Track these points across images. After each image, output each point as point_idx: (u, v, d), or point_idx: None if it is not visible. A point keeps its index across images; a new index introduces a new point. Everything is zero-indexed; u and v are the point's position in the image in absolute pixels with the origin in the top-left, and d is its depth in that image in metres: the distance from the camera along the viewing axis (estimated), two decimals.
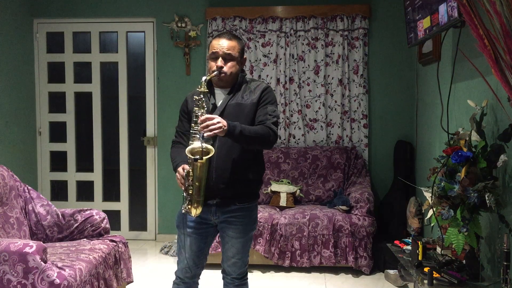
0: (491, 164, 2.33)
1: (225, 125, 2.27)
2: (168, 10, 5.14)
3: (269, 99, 2.51)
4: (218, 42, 2.47)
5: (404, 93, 4.95)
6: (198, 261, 2.56)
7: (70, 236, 3.47)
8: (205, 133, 2.26)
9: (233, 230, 2.51)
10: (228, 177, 2.43)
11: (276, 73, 5.03)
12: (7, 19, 4.82)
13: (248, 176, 2.49)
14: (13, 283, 2.58)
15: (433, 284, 2.35)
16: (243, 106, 2.47)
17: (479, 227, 2.34)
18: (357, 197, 4.30)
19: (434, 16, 3.03)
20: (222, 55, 2.45)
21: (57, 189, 5.44)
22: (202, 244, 2.54)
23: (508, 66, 1.82)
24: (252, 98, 2.49)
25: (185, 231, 2.50)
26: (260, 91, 2.51)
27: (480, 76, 2.32)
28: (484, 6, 1.86)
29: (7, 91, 4.79)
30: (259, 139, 2.39)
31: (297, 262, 4.20)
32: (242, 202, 2.50)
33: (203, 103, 2.39)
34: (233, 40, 2.49)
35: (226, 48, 2.46)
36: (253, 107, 2.48)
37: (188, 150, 2.32)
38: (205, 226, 2.52)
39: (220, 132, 2.26)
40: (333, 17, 4.95)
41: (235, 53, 2.48)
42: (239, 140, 2.36)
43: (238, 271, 2.58)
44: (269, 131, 2.41)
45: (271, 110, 2.48)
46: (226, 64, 2.46)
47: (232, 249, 2.54)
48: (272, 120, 2.45)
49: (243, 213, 2.51)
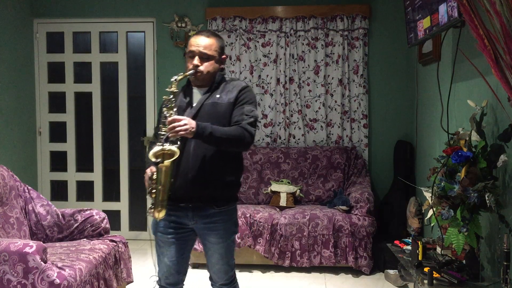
0: (491, 164, 2.33)
1: (193, 126, 2.21)
2: (168, 10, 5.14)
3: (246, 99, 2.43)
4: (196, 40, 2.41)
5: (404, 93, 4.95)
6: (180, 267, 2.50)
7: (70, 236, 3.47)
8: (171, 135, 2.22)
9: (214, 236, 2.43)
10: (205, 179, 2.34)
11: (276, 73, 5.03)
12: (7, 19, 4.81)
13: (226, 178, 2.40)
14: (13, 283, 2.58)
15: (433, 284, 2.35)
16: (219, 106, 2.39)
17: (479, 227, 2.34)
18: (357, 197, 4.30)
19: (434, 16, 3.03)
20: (198, 54, 2.39)
21: (57, 189, 5.44)
22: (182, 250, 2.48)
23: (508, 66, 1.82)
24: (229, 97, 2.41)
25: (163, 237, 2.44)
26: (237, 90, 2.43)
27: (480, 76, 2.32)
28: (484, 6, 1.86)
29: (7, 91, 4.79)
30: (232, 140, 2.31)
31: (297, 262, 4.20)
32: (221, 206, 2.41)
33: (172, 104, 2.32)
34: (211, 38, 2.42)
35: (203, 46, 2.39)
36: (229, 106, 2.40)
37: (151, 153, 2.26)
38: (182, 231, 2.45)
39: (187, 133, 2.20)
40: (333, 17, 4.95)
41: (213, 51, 2.40)
42: (209, 141, 2.28)
43: (225, 277, 2.52)
44: (244, 132, 2.33)
45: (248, 110, 2.40)
46: (203, 63, 2.39)
47: (216, 255, 2.47)
48: (248, 120, 2.37)
49: (223, 217, 2.42)
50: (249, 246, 4.24)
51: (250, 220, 4.26)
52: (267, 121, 5.07)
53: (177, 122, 2.20)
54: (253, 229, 4.25)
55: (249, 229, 4.24)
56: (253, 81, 5.06)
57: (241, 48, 5.04)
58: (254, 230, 4.25)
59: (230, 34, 5.04)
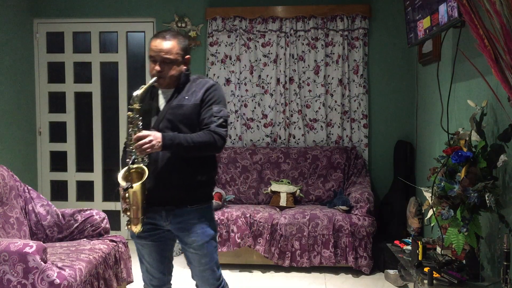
0: (491, 164, 2.33)
1: (159, 140, 2.17)
2: (168, 10, 5.14)
3: (214, 99, 2.35)
4: (155, 44, 2.31)
5: (404, 93, 4.95)
6: (163, 267, 2.47)
7: (70, 236, 3.47)
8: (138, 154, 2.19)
9: (190, 236, 2.37)
10: (175, 180, 2.31)
11: (276, 73, 5.03)
12: (7, 19, 4.81)
13: (197, 178, 2.35)
14: (13, 283, 2.58)
15: (433, 284, 2.35)
16: (185, 108, 2.32)
17: (479, 227, 2.34)
18: (357, 197, 4.30)
19: (434, 16, 3.03)
20: (160, 58, 2.30)
21: (57, 189, 5.44)
22: (162, 251, 2.45)
23: (508, 66, 1.82)
24: (195, 98, 2.34)
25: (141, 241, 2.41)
26: (203, 90, 2.35)
27: (480, 76, 2.32)
28: (484, 6, 1.86)
29: (7, 91, 4.79)
30: (202, 147, 2.27)
31: (297, 262, 4.20)
32: (193, 204, 2.36)
33: (137, 121, 2.24)
34: (172, 41, 2.31)
35: (163, 51, 2.29)
36: (195, 108, 2.32)
37: (120, 177, 2.23)
38: (159, 232, 2.41)
39: (154, 149, 2.18)
40: (333, 17, 4.95)
41: (175, 55, 2.31)
42: (179, 152, 2.25)
43: (211, 280, 2.42)
44: (213, 136, 2.28)
45: (216, 110, 2.32)
46: (165, 68, 2.31)
47: (195, 257, 2.40)
48: (217, 122, 2.30)
49: (198, 215, 2.37)
50: (249, 246, 4.25)
51: (250, 220, 4.26)
52: (267, 121, 5.06)
53: (142, 140, 2.16)
54: (253, 229, 4.25)
55: (249, 229, 4.24)
56: (253, 81, 5.06)
57: (241, 48, 5.04)
58: (254, 230, 4.25)
59: (230, 34, 5.04)
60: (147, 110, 2.34)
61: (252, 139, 5.09)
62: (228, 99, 5.06)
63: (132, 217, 2.25)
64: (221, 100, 2.38)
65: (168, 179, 2.30)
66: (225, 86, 5.06)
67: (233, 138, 5.09)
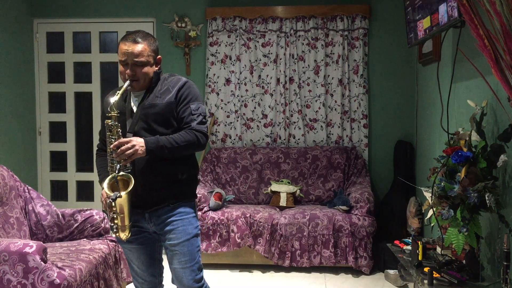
0: (491, 164, 2.33)
1: (142, 145, 2.16)
2: (168, 10, 5.14)
3: (189, 97, 2.33)
4: (126, 48, 2.26)
5: (404, 93, 4.95)
6: (153, 270, 2.46)
7: (70, 236, 3.47)
8: (122, 162, 2.15)
9: (174, 233, 2.32)
10: (155, 182, 2.29)
11: (276, 73, 5.03)
12: (7, 19, 4.81)
13: (177, 176, 2.33)
14: (13, 283, 2.58)
15: (433, 284, 2.35)
16: (158, 107, 2.30)
17: (479, 227, 2.34)
18: (357, 197, 4.30)
19: (434, 16, 3.03)
20: (132, 62, 2.26)
21: (57, 189, 5.43)
22: (150, 253, 2.43)
23: (508, 66, 1.82)
24: (168, 97, 2.31)
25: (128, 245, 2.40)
26: (177, 88, 2.33)
27: (480, 76, 2.32)
28: (484, 6, 1.86)
29: (7, 91, 4.79)
30: (186, 147, 2.26)
31: (297, 262, 4.20)
32: (175, 202, 2.34)
33: (116, 128, 2.21)
34: (142, 43, 2.27)
35: (135, 55, 2.25)
36: (169, 106, 2.30)
37: (106, 186, 2.19)
38: (144, 235, 2.40)
39: (138, 155, 2.15)
40: (333, 17, 4.95)
41: (146, 57, 2.28)
42: (162, 154, 2.23)
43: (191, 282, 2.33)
44: (195, 135, 2.27)
45: (194, 108, 2.31)
46: (138, 71, 2.27)
47: (176, 257, 2.33)
48: (197, 120, 2.30)
49: (180, 212, 2.34)
50: (249, 246, 4.25)
51: (250, 220, 4.26)
52: (267, 121, 5.06)
53: (124, 146, 2.14)
54: (253, 229, 4.25)
55: (249, 229, 4.24)
56: (253, 81, 5.06)
57: (241, 48, 5.04)
58: (254, 230, 4.25)
59: (230, 34, 5.04)
60: (121, 112, 2.30)
61: (252, 139, 5.09)
62: (228, 99, 5.06)
63: (120, 224, 2.23)
64: (197, 97, 2.36)
65: (149, 181, 2.28)
66: (225, 86, 5.06)
67: (233, 138, 5.09)
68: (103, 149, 2.44)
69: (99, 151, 2.49)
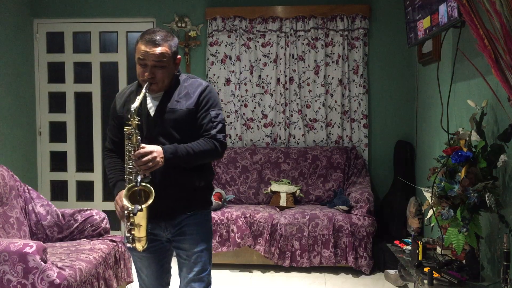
0: (491, 164, 2.33)
1: (162, 156, 2.08)
2: (168, 10, 5.14)
3: (209, 103, 2.24)
4: (146, 49, 2.15)
5: (404, 93, 4.95)
6: (161, 280, 2.40)
7: (70, 236, 3.47)
8: (142, 171, 2.07)
9: (187, 242, 2.28)
10: (172, 191, 2.21)
11: (276, 73, 5.03)
12: (7, 19, 4.81)
13: (194, 183, 2.25)
14: (13, 283, 2.58)
15: (433, 284, 2.35)
16: (178, 113, 2.21)
17: (479, 227, 2.34)
18: (357, 197, 4.30)
19: (434, 16, 3.03)
20: (151, 64, 2.16)
21: (57, 189, 5.43)
22: (161, 262, 2.37)
23: (508, 66, 1.82)
24: (188, 103, 2.22)
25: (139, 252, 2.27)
26: (197, 94, 2.23)
27: (480, 76, 2.32)
28: (484, 6, 1.86)
29: (7, 91, 4.79)
30: (204, 155, 2.19)
31: (297, 262, 4.20)
32: (192, 210, 2.28)
33: (136, 137, 2.10)
34: (163, 45, 2.16)
35: (155, 56, 2.15)
36: (189, 112, 2.21)
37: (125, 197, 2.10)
38: (158, 243, 2.32)
39: (159, 165, 2.08)
40: (333, 17, 4.95)
41: (166, 60, 2.17)
42: (180, 164, 2.16)
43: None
44: (214, 144, 2.20)
45: (214, 115, 2.23)
46: (158, 73, 2.17)
47: (187, 264, 2.29)
48: (217, 128, 2.22)
49: (195, 221, 2.29)
50: (249, 246, 4.25)
51: (250, 220, 4.26)
52: (267, 121, 5.06)
53: (146, 157, 2.06)
54: (253, 229, 4.25)
55: (249, 229, 4.24)
56: (253, 81, 5.06)
57: (241, 48, 5.04)
58: (254, 230, 4.25)
59: (230, 34, 5.04)
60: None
61: (252, 139, 5.09)
62: (228, 99, 5.06)
63: (137, 236, 2.15)
64: (217, 103, 2.28)
65: (165, 190, 2.19)
66: (225, 86, 5.06)
67: (233, 138, 5.09)
68: (113, 150, 2.37)
69: (109, 152, 2.39)
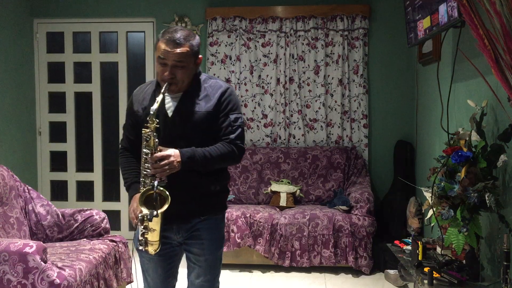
0: (491, 164, 2.33)
1: (179, 160, 2.04)
2: (168, 10, 5.14)
3: (229, 105, 2.18)
4: (167, 48, 2.08)
5: (404, 93, 4.95)
6: (166, 284, 2.34)
7: (70, 236, 3.47)
8: (159, 175, 2.03)
9: (198, 247, 2.24)
10: (188, 195, 2.16)
11: (276, 73, 5.03)
12: (7, 19, 4.81)
13: (210, 187, 2.21)
14: (13, 283, 2.58)
15: (433, 284, 2.35)
16: (197, 116, 2.15)
17: (479, 227, 2.34)
18: (357, 197, 4.30)
19: (434, 16, 3.03)
20: (172, 64, 2.09)
21: (57, 189, 5.44)
22: (169, 266, 2.31)
23: (508, 66, 1.82)
24: (208, 105, 2.16)
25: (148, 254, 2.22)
26: (218, 96, 2.17)
27: (480, 76, 2.32)
28: (484, 6, 1.86)
29: (7, 91, 4.79)
30: (222, 160, 2.15)
31: (297, 262, 4.20)
32: (206, 214, 2.23)
33: (154, 140, 2.04)
34: (185, 45, 2.09)
35: (176, 57, 2.08)
36: (208, 116, 2.15)
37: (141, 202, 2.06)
38: (168, 246, 2.25)
39: (176, 169, 2.04)
40: (333, 17, 4.95)
41: (188, 59, 2.11)
42: (197, 168, 2.11)
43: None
44: (233, 149, 2.15)
45: (233, 119, 2.17)
46: (178, 73, 2.10)
47: (199, 269, 2.26)
48: (236, 132, 2.16)
49: (208, 226, 2.23)
50: (249, 246, 4.25)
51: (250, 220, 4.26)
52: (267, 121, 5.07)
53: (164, 161, 2.02)
54: (253, 229, 4.25)
55: (249, 229, 4.24)
56: (253, 81, 5.06)
57: (241, 48, 5.04)
58: (254, 230, 4.25)
59: (230, 34, 5.04)
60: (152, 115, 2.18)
61: (252, 139, 5.09)
62: None
63: (151, 240, 2.11)
64: (237, 106, 2.21)
65: (181, 194, 2.12)
66: None
67: None
68: (128, 149, 2.31)
69: (124, 151, 2.33)
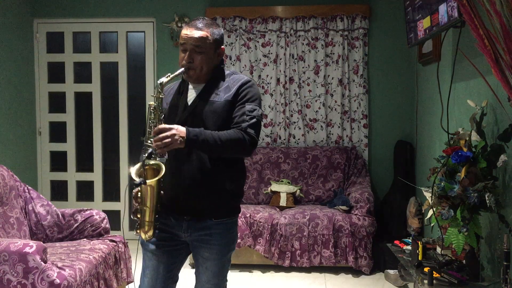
0: (491, 164, 2.33)
1: (182, 135, 1.94)
2: (168, 10, 5.14)
3: (247, 96, 2.12)
4: (186, 33, 2.09)
5: (404, 93, 4.95)
6: (168, 283, 2.24)
7: (70, 236, 3.47)
8: (159, 149, 1.94)
9: (208, 251, 2.15)
10: (200, 188, 2.07)
11: (276, 73, 5.03)
12: (7, 19, 4.81)
13: (225, 186, 2.11)
14: (13, 283, 2.58)
15: (433, 284, 2.35)
16: (215, 105, 2.09)
17: (479, 227, 2.34)
18: (357, 197, 4.30)
19: (434, 16, 3.03)
20: (190, 48, 2.08)
21: (57, 189, 5.44)
22: (170, 267, 2.21)
23: (508, 66, 1.82)
24: (227, 95, 2.11)
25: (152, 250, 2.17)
26: (237, 86, 2.12)
27: (480, 76, 2.32)
28: (484, 6, 1.86)
29: (7, 91, 4.79)
30: (230, 146, 2.02)
31: (297, 262, 4.20)
32: (219, 217, 2.13)
33: (158, 112, 2.02)
34: (205, 30, 2.09)
35: (195, 40, 2.07)
36: (227, 105, 2.09)
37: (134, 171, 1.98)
38: (174, 243, 2.18)
39: (176, 144, 1.93)
40: (333, 17, 4.95)
41: (207, 45, 2.09)
42: (203, 149, 2.02)
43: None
44: (243, 136, 2.03)
45: (249, 109, 2.09)
46: (196, 58, 2.08)
47: (207, 273, 2.19)
48: (249, 121, 2.06)
49: (220, 231, 2.14)
50: (249, 246, 4.25)
51: (250, 220, 4.26)
52: (267, 121, 5.07)
53: (164, 133, 1.92)
54: (253, 229, 4.25)
55: (249, 229, 4.24)
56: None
57: (241, 48, 5.04)
58: (254, 230, 4.25)
59: (230, 34, 5.04)
60: (174, 105, 2.16)
61: None
62: None
63: (142, 219, 2.02)
64: (256, 98, 2.14)
65: (194, 188, 2.07)
66: None
67: None
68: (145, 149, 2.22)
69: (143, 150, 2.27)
